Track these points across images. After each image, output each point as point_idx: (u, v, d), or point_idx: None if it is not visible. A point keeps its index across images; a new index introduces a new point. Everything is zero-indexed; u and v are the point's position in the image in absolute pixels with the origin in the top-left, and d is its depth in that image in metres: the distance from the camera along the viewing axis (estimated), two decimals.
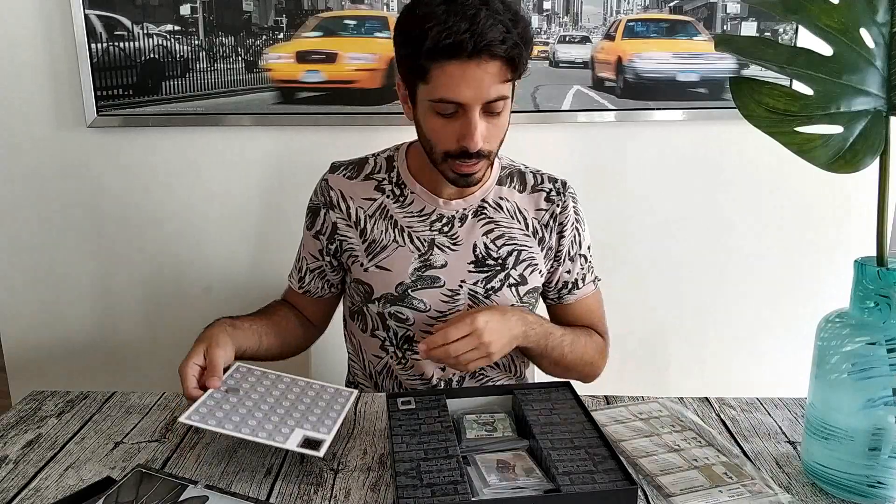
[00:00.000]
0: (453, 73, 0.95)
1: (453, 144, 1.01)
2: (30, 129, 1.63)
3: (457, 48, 0.93)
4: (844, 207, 1.70)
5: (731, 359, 1.80)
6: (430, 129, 1.02)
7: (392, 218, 1.13)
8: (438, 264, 1.13)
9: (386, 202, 1.14)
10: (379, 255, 1.13)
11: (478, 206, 1.15)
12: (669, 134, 1.66)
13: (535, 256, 1.16)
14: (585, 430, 0.92)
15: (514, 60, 0.96)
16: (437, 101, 0.98)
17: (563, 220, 1.17)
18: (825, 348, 0.84)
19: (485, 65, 0.95)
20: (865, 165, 0.80)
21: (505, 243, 1.15)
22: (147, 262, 1.71)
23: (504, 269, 1.15)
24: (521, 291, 1.16)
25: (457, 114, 0.99)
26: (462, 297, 1.14)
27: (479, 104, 0.97)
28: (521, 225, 1.16)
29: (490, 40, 0.92)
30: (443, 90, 0.97)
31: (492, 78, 0.96)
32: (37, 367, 1.77)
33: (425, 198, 1.13)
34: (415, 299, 1.13)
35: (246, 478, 0.89)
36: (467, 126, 0.98)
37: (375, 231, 1.13)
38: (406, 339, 1.17)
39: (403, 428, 0.93)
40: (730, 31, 1.60)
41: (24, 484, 0.88)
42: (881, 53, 0.80)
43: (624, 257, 1.72)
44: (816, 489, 0.87)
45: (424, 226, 1.13)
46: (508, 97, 1.00)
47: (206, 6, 1.55)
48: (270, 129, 1.64)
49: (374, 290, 1.14)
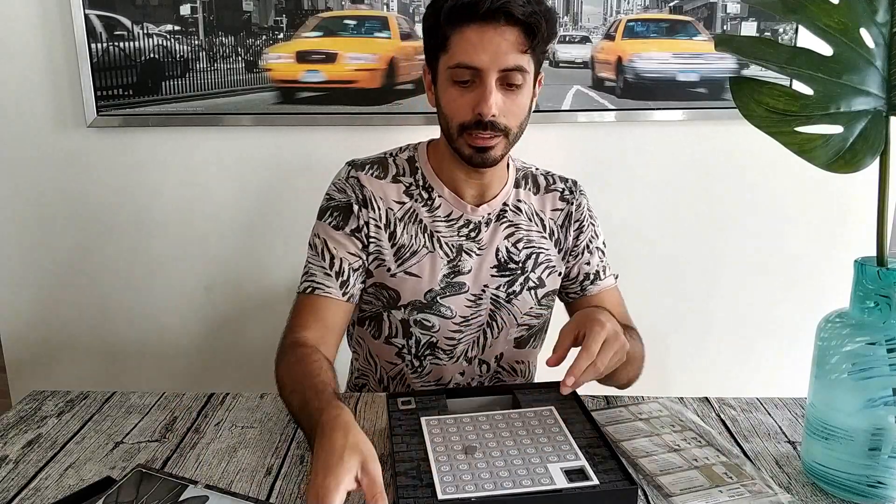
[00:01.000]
0: (471, 38, 0.97)
1: (469, 114, 1.00)
2: (30, 129, 1.63)
3: (474, 8, 0.95)
4: (844, 207, 1.70)
5: (732, 359, 1.80)
6: (448, 101, 1.02)
7: (422, 223, 1.11)
8: (466, 270, 1.12)
9: (415, 206, 1.11)
10: (409, 261, 1.11)
11: (500, 210, 1.14)
12: (669, 134, 1.66)
13: (551, 259, 1.16)
14: (585, 430, 0.92)
15: (533, 29, 0.97)
16: (455, 66, 0.99)
17: (580, 217, 1.18)
18: (825, 348, 0.84)
19: (502, 29, 0.96)
20: (865, 165, 0.80)
21: (525, 246, 1.14)
22: (147, 261, 1.72)
23: (524, 273, 1.15)
24: (540, 294, 1.16)
25: (474, 84, 0.99)
26: (484, 302, 1.14)
27: (496, 70, 0.98)
28: (538, 227, 1.16)
29: (509, 1, 0.94)
30: (460, 55, 0.98)
31: (509, 45, 0.97)
32: (37, 367, 1.77)
33: (453, 202, 1.12)
34: (442, 306, 1.12)
35: (246, 478, 0.89)
36: (483, 92, 0.98)
37: (405, 236, 1.11)
38: (429, 345, 1.15)
39: (403, 428, 0.93)
40: (730, 31, 1.60)
41: (24, 484, 0.88)
42: (881, 53, 0.80)
43: (624, 257, 1.72)
44: (816, 489, 0.87)
45: (452, 231, 1.12)
46: (528, 71, 1.00)
47: (206, 6, 1.56)
48: (270, 129, 1.64)
49: (401, 296, 1.12)
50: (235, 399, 1.10)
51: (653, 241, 1.72)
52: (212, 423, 1.03)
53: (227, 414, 1.06)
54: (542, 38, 0.98)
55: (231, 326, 1.76)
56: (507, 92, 1.00)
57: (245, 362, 1.76)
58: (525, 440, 0.89)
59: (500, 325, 1.16)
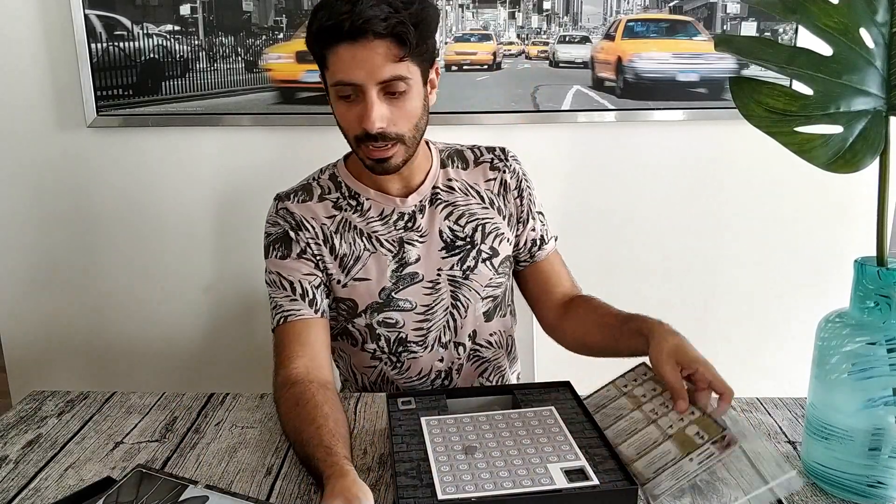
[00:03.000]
0: (343, 56, 0.98)
1: (358, 128, 1.02)
2: (30, 129, 1.63)
3: (338, 29, 0.96)
4: (844, 207, 1.70)
5: (732, 359, 1.79)
6: (339, 115, 1.04)
7: (356, 228, 1.13)
8: (413, 260, 1.13)
9: (346, 216, 1.13)
10: (354, 268, 1.13)
11: (431, 195, 1.15)
12: (669, 134, 1.66)
13: (498, 226, 1.18)
14: (585, 430, 0.92)
15: (402, 38, 0.97)
16: (336, 84, 1.00)
17: (517, 184, 1.19)
18: (825, 348, 0.84)
19: (371, 44, 0.96)
20: (865, 165, 0.80)
21: (468, 221, 1.16)
22: (147, 261, 1.72)
23: (474, 246, 1.16)
24: (496, 263, 1.17)
25: (357, 98, 1.00)
26: (442, 284, 1.15)
27: (374, 84, 0.98)
28: (476, 199, 1.17)
29: (369, 18, 0.94)
30: (338, 73, 0.99)
31: (382, 57, 0.97)
32: (37, 367, 1.77)
33: (381, 200, 1.13)
34: (399, 300, 1.14)
35: (246, 478, 0.89)
36: (365, 107, 1.00)
37: (344, 245, 1.12)
38: (399, 341, 1.16)
39: (403, 428, 0.93)
40: (730, 31, 1.60)
41: (24, 484, 0.88)
42: (881, 53, 0.80)
43: (623, 257, 1.72)
44: (816, 489, 0.87)
45: (388, 227, 1.13)
46: (409, 77, 1.00)
47: (206, 6, 1.56)
48: (270, 129, 1.64)
49: (357, 303, 1.14)
50: (235, 399, 1.10)
51: (652, 240, 1.72)
52: (212, 423, 1.03)
53: (227, 414, 1.06)
54: (414, 43, 0.98)
55: (231, 326, 1.76)
56: (392, 100, 1.01)
57: (245, 362, 1.76)
58: (525, 440, 0.89)
59: (465, 304, 1.17)
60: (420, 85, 1.03)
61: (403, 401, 1.00)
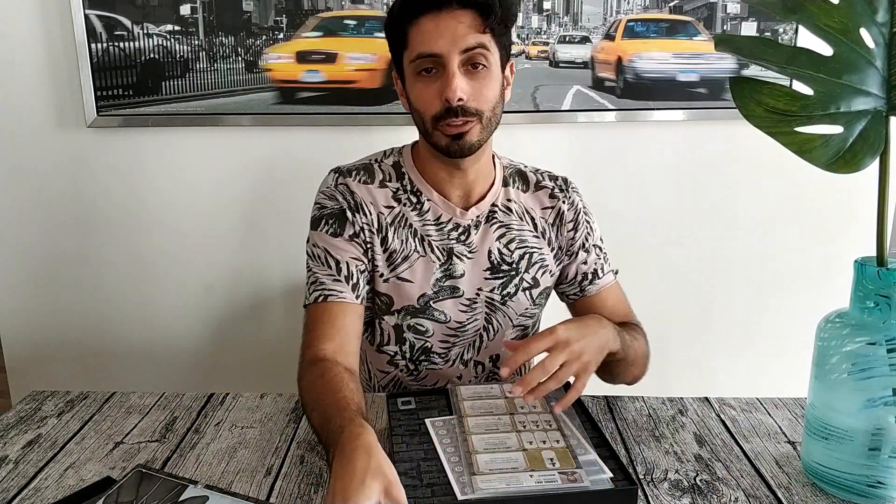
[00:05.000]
0: (427, 27, 0.97)
1: (438, 104, 0.99)
2: (30, 129, 1.63)
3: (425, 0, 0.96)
4: (844, 207, 1.70)
5: (732, 359, 1.80)
6: (417, 95, 1.02)
7: (412, 227, 1.09)
8: (458, 273, 1.11)
9: (404, 211, 1.10)
10: (400, 266, 1.09)
11: (489, 212, 1.12)
12: (669, 134, 1.66)
13: (545, 258, 1.15)
14: (586, 429, 0.92)
15: (488, 8, 0.96)
16: (416, 58, 0.99)
17: (574, 216, 1.16)
18: (825, 348, 0.84)
19: (456, 13, 0.96)
20: (865, 165, 0.80)
21: (517, 247, 1.13)
22: (147, 261, 1.71)
23: (518, 274, 1.13)
24: (534, 294, 1.15)
25: (437, 72, 0.99)
26: (479, 305, 1.13)
27: (456, 53, 0.97)
28: (530, 226, 1.14)
29: None
30: (419, 45, 0.98)
31: (465, 27, 0.97)
32: (37, 367, 1.77)
33: (441, 206, 1.10)
34: (436, 310, 1.12)
35: (246, 478, 0.89)
36: (447, 77, 0.98)
37: (396, 241, 1.09)
38: (423, 350, 1.15)
39: (403, 428, 0.93)
40: (730, 31, 1.60)
41: (24, 484, 0.88)
42: (881, 53, 0.80)
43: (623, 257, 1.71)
44: (816, 489, 0.87)
45: (442, 234, 1.10)
46: (490, 50, 0.99)
47: (206, 6, 1.56)
48: (270, 129, 1.64)
49: (393, 301, 1.11)
50: (235, 399, 1.10)
51: (653, 240, 1.72)
52: (212, 424, 1.03)
53: (227, 414, 1.06)
54: (498, 18, 0.98)
55: (231, 326, 1.76)
56: (472, 75, 0.99)
57: (245, 362, 1.76)
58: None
59: (497, 328, 1.16)
60: (499, 68, 1.02)
61: (403, 401, 1.00)
